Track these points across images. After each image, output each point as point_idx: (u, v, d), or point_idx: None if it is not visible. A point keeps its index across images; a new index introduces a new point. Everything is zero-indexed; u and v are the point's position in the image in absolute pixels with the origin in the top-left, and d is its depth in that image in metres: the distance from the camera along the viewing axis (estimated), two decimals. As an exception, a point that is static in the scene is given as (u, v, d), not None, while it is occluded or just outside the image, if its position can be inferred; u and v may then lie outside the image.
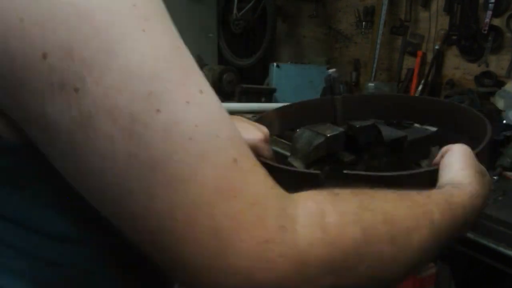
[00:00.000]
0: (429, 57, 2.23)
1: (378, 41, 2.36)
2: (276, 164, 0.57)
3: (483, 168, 0.53)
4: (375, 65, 2.39)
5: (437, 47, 2.15)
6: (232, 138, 0.32)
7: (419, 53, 2.27)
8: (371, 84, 2.24)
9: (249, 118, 0.82)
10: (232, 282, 0.30)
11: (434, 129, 0.91)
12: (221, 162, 0.30)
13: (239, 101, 2.13)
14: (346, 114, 0.92)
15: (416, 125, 0.96)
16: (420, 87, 2.21)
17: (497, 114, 1.62)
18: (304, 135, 0.77)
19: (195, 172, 0.29)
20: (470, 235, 1.01)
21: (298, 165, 0.74)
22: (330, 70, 0.99)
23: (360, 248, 0.33)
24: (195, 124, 0.30)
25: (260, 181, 0.32)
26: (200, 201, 0.29)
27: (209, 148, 0.30)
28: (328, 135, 0.75)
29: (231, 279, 0.29)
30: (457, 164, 0.51)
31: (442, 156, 0.53)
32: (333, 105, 0.93)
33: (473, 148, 0.55)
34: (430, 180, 0.52)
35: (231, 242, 0.29)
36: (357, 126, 0.81)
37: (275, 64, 2.44)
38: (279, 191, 0.33)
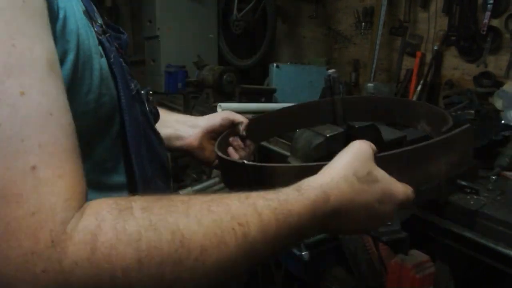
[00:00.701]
0: (428, 57, 2.24)
1: (378, 42, 2.37)
2: (220, 154, 0.60)
3: (373, 172, 0.47)
4: (374, 66, 2.39)
5: (436, 47, 2.16)
6: (43, 146, 0.32)
7: (418, 53, 2.28)
8: (370, 85, 2.25)
9: (247, 118, 0.83)
10: (15, 272, 0.30)
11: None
12: (16, 166, 0.31)
13: (239, 101, 2.14)
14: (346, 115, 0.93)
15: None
16: (419, 88, 2.22)
17: (495, 114, 1.63)
18: (304, 135, 0.78)
19: None
20: (469, 234, 1.01)
21: (297, 164, 0.75)
22: (330, 71, 0.99)
23: (132, 272, 0.32)
24: (11, 131, 0.31)
25: (53, 192, 0.32)
26: None
27: (6, 150, 0.31)
28: (328, 135, 0.75)
29: (15, 269, 0.29)
30: (337, 163, 0.48)
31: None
32: (333, 105, 0.93)
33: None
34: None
35: (0, 247, 0.29)
36: (357, 126, 0.81)
37: (275, 64, 2.44)
38: (73, 204, 0.32)
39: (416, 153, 0.54)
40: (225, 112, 0.83)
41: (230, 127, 0.81)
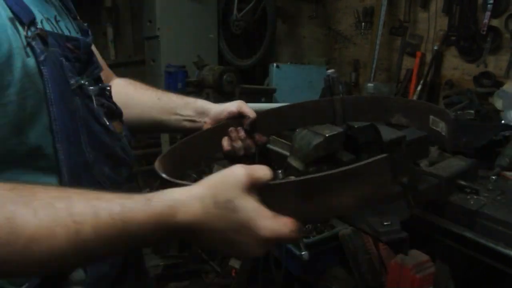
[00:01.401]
0: (428, 57, 2.24)
1: (378, 42, 2.37)
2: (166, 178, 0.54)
3: (235, 201, 0.46)
4: (374, 66, 2.39)
5: (436, 47, 2.16)
6: None
7: (418, 53, 2.28)
8: (370, 85, 2.25)
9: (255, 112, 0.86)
10: None
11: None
12: None
13: (239, 101, 2.14)
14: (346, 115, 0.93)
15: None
16: (419, 88, 2.22)
17: (495, 114, 1.63)
18: (304, 135, 0.78)
19: None
20: (469, 234, 1.01)
21: (297, 165, 0.75)
22: (329, 71, 0.99)
23: None
24: None
25: None
26: None
27: None
28: (327, 135, 0.75)
29: None
30: (203, 181, 0.48)
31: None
32: (332, 105, 0.93)
33: None
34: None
35: None
36: (356, 126, 0.81)
37: (275, 64, 2.45)
38: None
39: (312, 184, 0.48)
40: (237, 103, 0.88)
41: (237, 118, 0.85)
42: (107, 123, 0.67)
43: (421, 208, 1.01)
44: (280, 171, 0.74)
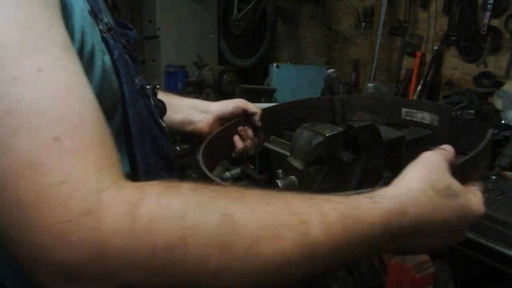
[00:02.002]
0: (428, 57, 2.24)
1: (377, 42, 2.37)
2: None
3: (452, 186, 0.43)
4: (374, 66, 2.39)
5: (436, 47, 2.16)
6: (65, 118, 0.33)
7: (418, 53, 2.28)
8: (370, 85, 2.25)
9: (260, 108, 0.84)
10: (36, 256, 0.29)
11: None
12: (39, 138, 0.31)
13: (239, 101, 2.13)
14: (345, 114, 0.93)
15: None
16: (419, 88, 2.22)
17: (495, 114, 1.63)
18: (304, 135, 0.78)
19: (8, 144, 0.30)
20: (469, 234, 1.01)
21: (297, 165, 0.75)
22: (329, 71, 1.00)
23: (175, 249, 0.30)
24: (16, 100, 0.31)
25: (80, 163, 0.31)
26: (9, 173, 0.30)
27: (28, 123, 0.31)
28: (327, 134, 0.75)
29: (34, 253, 0.29)
30: (410, 174, 0.42)
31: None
32: (332, 105, 0.93)
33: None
34: None
35: (33, 216, 0.29)
36: (356, 126, 0.81)
37: (275, 64, 2.45)
38: (104, 175, 0.31)
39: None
40: (238, 100, 0.83)
41: (242, 116, 0.80)
42: (163, 124, 0.62)
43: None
44: (280, 171, 0.74)
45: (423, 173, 0.42)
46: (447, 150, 0.46)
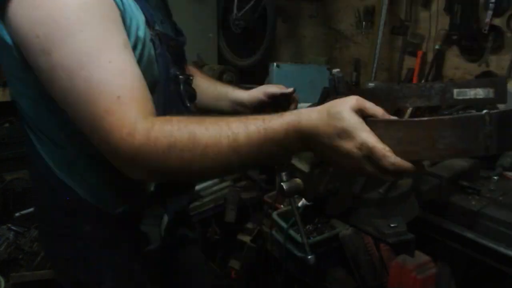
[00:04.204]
0: (430, 57, 2.23)
1: (378, 41, 2.36)
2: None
3: (343, 114, 0.59)
4: (375, 65, 2.38)
5: (437, 47, 2.14)
6: (125, 85, 0.65)
7: (420, 53, 2.27)
8: (371, 84, 2.24)
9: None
10: (110, 147, 0.64)
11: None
12: (110, 97, 0.64)
13: (239, 101, 2.13)
14: None
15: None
16: (420, 87, 2.21)
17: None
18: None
19: (97, 100, 0.63)
20: (470, 235, 1.00)
21: (303, 167, 0.74)
22: (334, 70, 0.99)
23: (168, 149, 0.62)
24: (99, 78, 0.64)
25: (130, 109, 0.64)
26: (96, 112, 0.64)
27: (105, 89, 0.64)
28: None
29: (109, 145, 0.64)
30: (328, 103, 0.63)
31: None
32: (389, 92, 0.93)
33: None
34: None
35: (110, 129, 0.63)
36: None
37: (275, 64, 2.43)
38: (140, 114, 0.64)
39: (418, 126, 0.54)
40: (264, 87, 1.10)
41: (272, 99, 1.07)
42: (188, 105, 0.90)
43: (422, 209, 1.00)
44: (284, 173, 0.74)
45: (329, 103, 0.62)
46: (371, 107, 0.60)
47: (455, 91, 0.87)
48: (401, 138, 0.56)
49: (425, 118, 0.55)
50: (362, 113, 0.60)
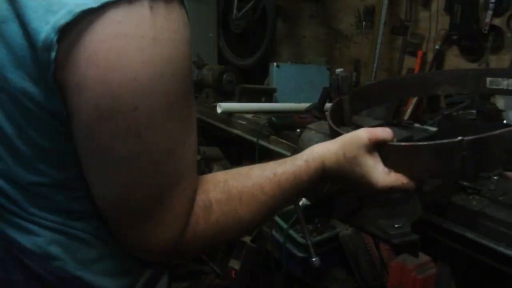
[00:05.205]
0: (430, 57, 2.23)
1: (378, 41, 2.36)
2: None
3: (359, 158, 0.62)
4: (375, 65, 2.38)
5: (437, 47, 2.14)
6: (194, 177, 0.56)
7: (420, 53, 2.27)
8: (371, 84, 2.23)
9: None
10: (159, 242, 0.53)
11: (434, 129, 0.91)
12: (182, 186, 0.54)
13: (239, 101, 2.12)
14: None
15: (417, 124, 0.97)
16: (420, 87, 2.21)
17: (497, 114, 1.62)
18: (308, 135, 0.77)
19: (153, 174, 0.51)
20: (470, 235, 1.00)
21: None
22: (338, 70, 0.99)
23: (212, 240, 0.58)
24: (184, 171, 0.54)
25: (189, 199, 0.55)
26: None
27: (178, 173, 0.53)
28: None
29: (159, 241, 0.53)
30: (337, 140, 0.65)
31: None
32: (341, 105, 0.92)
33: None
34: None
35: (164, 221, 0.53)
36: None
37: (275, 64, 2.43)
38: (191, 204, 0.55)
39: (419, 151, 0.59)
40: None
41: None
42: None
43: (422, 209, 1.00)
44: None
45: (345, 142, 0.64)
46: (380, 132, 0.63)
47: (488, 80, 0.88)
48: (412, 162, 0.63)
49: (405, 144, 0.63)
50: (375, 145, 0.63)
